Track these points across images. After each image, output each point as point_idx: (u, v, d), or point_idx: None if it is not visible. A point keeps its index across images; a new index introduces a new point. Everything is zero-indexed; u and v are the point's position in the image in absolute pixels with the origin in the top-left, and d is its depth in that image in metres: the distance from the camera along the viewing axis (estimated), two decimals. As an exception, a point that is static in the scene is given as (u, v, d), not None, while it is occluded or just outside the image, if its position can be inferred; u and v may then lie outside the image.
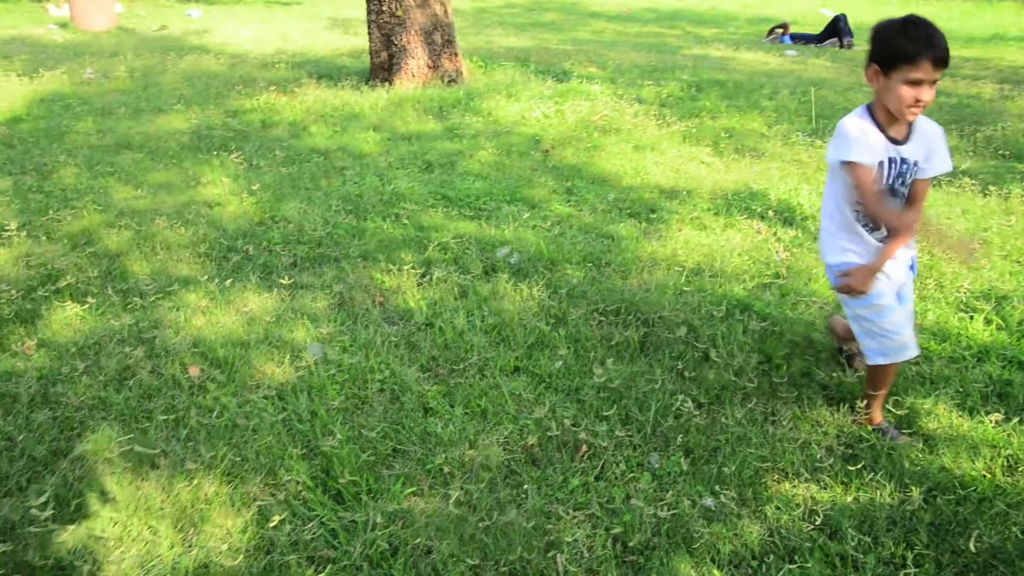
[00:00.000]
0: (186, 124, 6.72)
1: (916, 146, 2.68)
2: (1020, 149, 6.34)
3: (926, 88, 2.51)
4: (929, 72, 2.47)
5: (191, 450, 2.76)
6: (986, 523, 2.49)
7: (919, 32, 2.48)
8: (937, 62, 2.47)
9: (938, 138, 2.69)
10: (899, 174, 2.70)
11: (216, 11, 14.39)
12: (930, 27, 2.49)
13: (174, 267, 4.14)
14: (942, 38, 2.48)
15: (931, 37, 2.47)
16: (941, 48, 2.47)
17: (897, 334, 2.81)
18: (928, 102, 2.53)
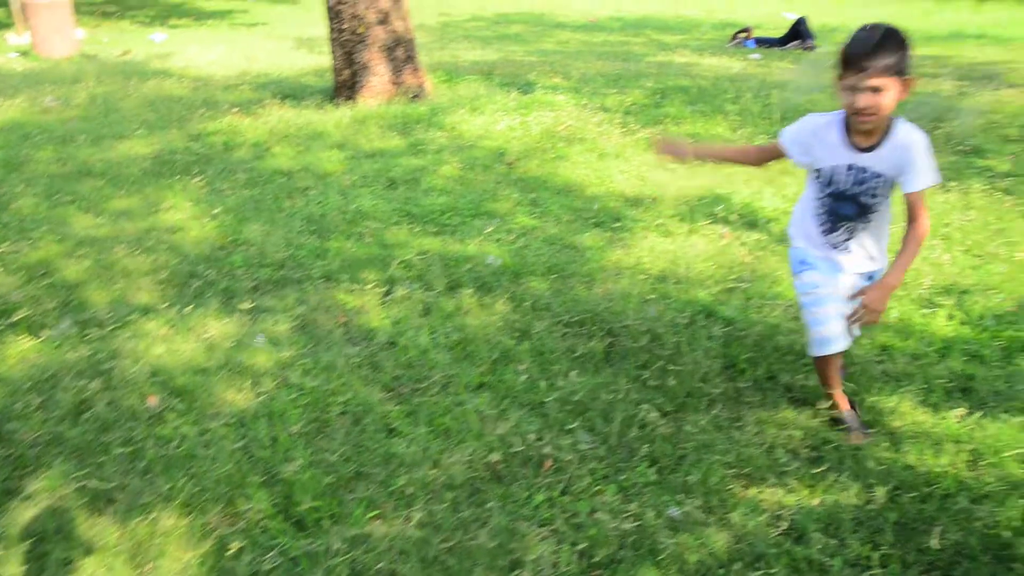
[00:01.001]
0: (148, 149, 6.65)
1: (884, 158, 2.61)
2: (978, 145, 6.41)
3: (862, 95, 2.46)
4: (862, 79, 2.43)
5: (148, 483, 2.71)
6: (950, 519, 2.48)
7: (861, 37, 2.47)
8: (868, 68, 2.42)
9: (914, 152, 2.57)
10: (858, 182, 2.66)
11: (180, 35, 14.31)
12: (876, 32, 2.45)
13: (134, 295, 4.08)
14: (882, 44, 2.42)
15: (866, 42, 2.43)
16: (873, 54, 2.41)
17: (820, 325, 2.82)
18: (865, 108, 2.47)
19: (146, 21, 16.54)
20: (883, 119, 2.53)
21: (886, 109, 2.48)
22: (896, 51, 2.42)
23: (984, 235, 4.67)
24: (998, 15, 16.09)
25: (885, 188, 2.66)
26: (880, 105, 2.46)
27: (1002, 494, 2.58)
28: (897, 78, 2.45)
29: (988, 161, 6.04)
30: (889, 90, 2.44)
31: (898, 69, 2.44)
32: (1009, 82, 8.67)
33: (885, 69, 2.41)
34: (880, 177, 2.63)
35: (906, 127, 2.60)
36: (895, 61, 2.42)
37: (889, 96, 2.46)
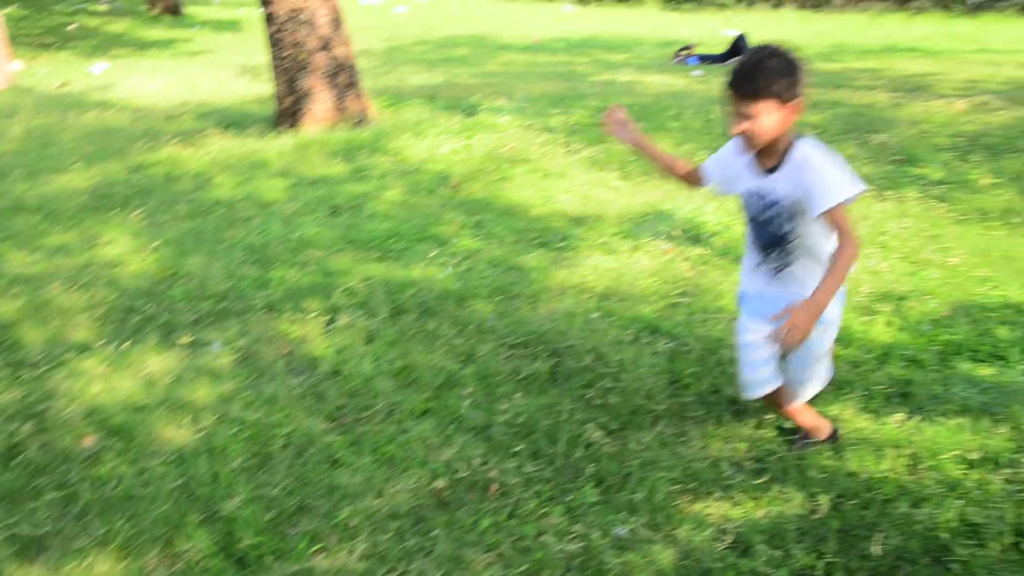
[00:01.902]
0: (86, 183, 6.52)
1: (783, 180, 2.48)
2: (911, 153, 6.57)
3: (737, 120, 2.39)
4: (736, 104, 2.37)
5: (83, 527, 2.63)
6: (891, 525, 2.52)
7: (740, 62, 2.40)
8: (740, 95, 2.36)
9: (811, 171, 2.40)
10: (764, 207, 2.55)
11: (121, 65, 14.10)
12: (753, 57, 2.38)
13: (69, 333, 3.98)
14: (756, 70, 2.34)
15: (740, 68, 2.37)
16: (745, 80, 2.34)
17: (747, 368, 2.79)
18: (740, 132, 2.40)
19: (86, 52, 16.26)
20: (767, 142, 2.42)
21: (765, 135, 2.38)
22: (774, 76, 2.32)
23: (919, 242, 4.78)
24: (927, 29, 16.56)
25: (792, 215, 2.49)
26: (755, 131, 2.37)
27: (940, 496, 2.63)
28: (775, 102, 2.33)
29: (921, 169, 6.19)
30: (765, 115, 2.34)
31: (777, 94, 2.32)
32: (938, 93, 8.91)
33: (758, 95, 2.32)
34: (779, 203, 2.49)
35: (804, 146, 2.45)
36: (771, 86, 2.31)
37: (766, 122, 2.35)
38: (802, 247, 2.56)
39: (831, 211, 2.33)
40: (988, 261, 4.45)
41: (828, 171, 2.38)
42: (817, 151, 2.44)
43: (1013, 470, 2.73)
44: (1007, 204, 5.29)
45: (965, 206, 5.33)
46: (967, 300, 4.00)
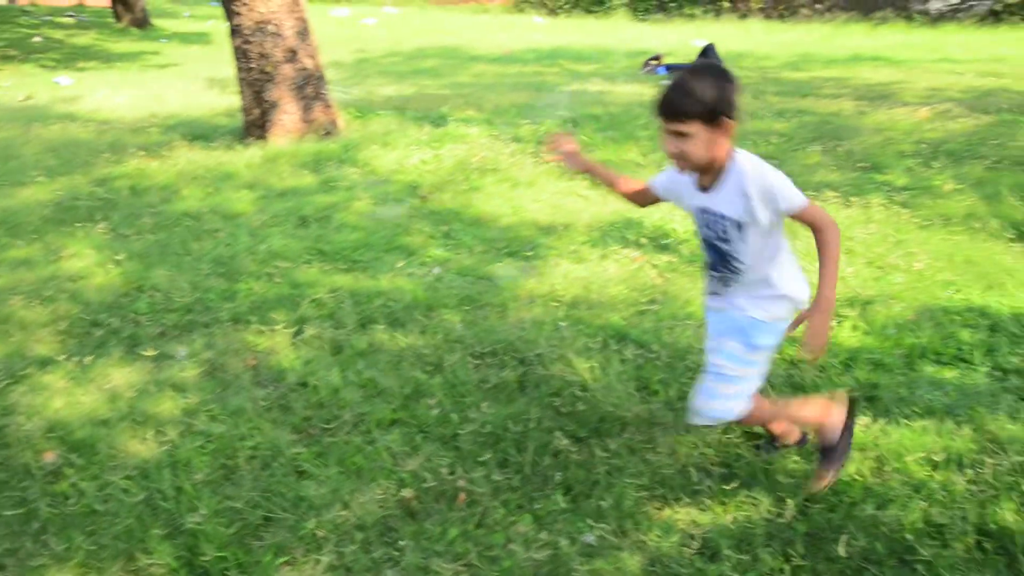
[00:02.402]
0: (49, 196, 6.43)
1: (724, 197, 2.41)
2: (876, 160, 6.65)
3: (666, 140, 2.34)
4: (664, 124, 2.33)
5: (42, 544, 2.58)
6: (857, 527, 2.53)
7: (672, 81, 2.36)
8: (667, 114, 2.32)
9: (752, 187, 2.34)
10: (707, 225, 2.49)
11: (88, 78, 13.95)
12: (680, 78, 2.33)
13: (31, 348, 3.92)
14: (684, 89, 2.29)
15: (670, 87, 2.33)
16: (671, 99, 2.30)
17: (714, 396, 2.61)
18: (671, 153, 2.35)
19: (51, 65, 16.09)
20: (699, 164, 2.37)
21: (695, 156, 2.32)
22: (701, 98, 2.27)
23: (884, 247, 4.83)
24: (890, 39, 16.83)
25: (735, 232, 2.41)
26: (685, 151, 2.31)
27: (905, 497, 2.65)
28: (702, 124, 2.27)
29: (886, 176, 6.27)
30: (695, 136, 2.29)
31: (704, 116, 2.26)
32: (902, 101, 9.04)
33: (685, 116, 2.28)
34: (723, 219, 2.42)
35: (743, 161, 2.37)
36: (698, 108, 2.26)
37: (696, 142, 2.29)
38: (746, 273, 2.49)
39: (802, 210, 2.31)
40: (951, 265, 4.51)
41: (776, 176, 2.34)
42: (755, 164, 2.37)
43: (976, 471, 2.76)
44: (969, 209, 5.37)
45: (929, 211, 5.40)
46: (931, 304, 4.05)
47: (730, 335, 2.54)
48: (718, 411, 2.58)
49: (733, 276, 2.52)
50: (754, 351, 2.54)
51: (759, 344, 2.54)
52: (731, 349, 2.53)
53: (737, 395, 2.55)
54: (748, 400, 2.58)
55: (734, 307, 2.54)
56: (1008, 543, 2.43)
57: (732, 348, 2.53)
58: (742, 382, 2.56)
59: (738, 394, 2.55)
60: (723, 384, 2.55)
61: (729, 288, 2.55)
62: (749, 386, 2.58)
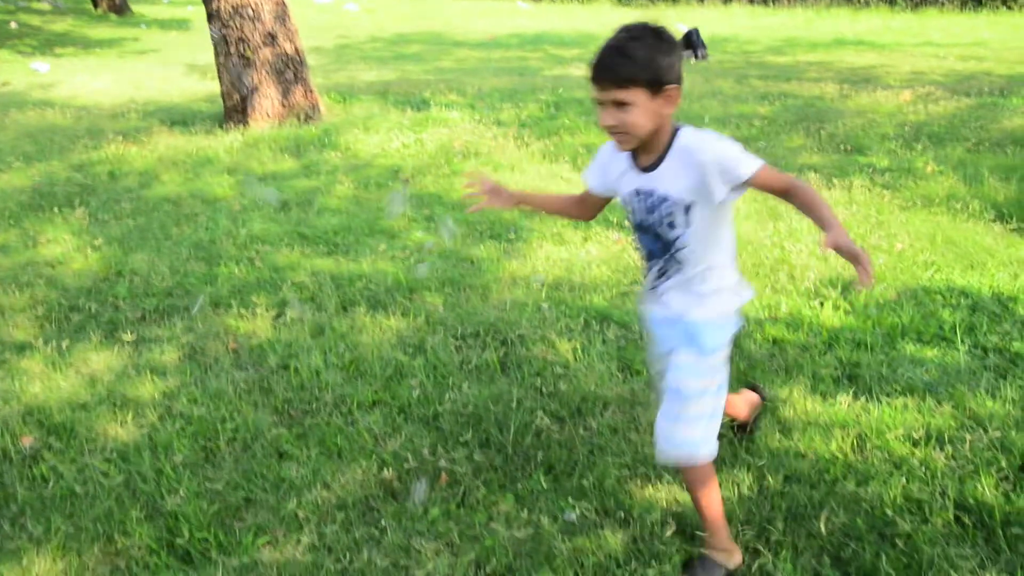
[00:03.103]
0: (26, 182, 6.36)
1: (668, 174, 2.10)
2: (859, 143, 6.67)
3: (604, 111, 2.03)
4: (600, 93, 2.02)
5: (20, 527, 2.56)
6: (838, 503, 2.54)
7: (604, 44, 2.04)
8: (603, 80, 2.01)
9: (704, 153, 2.05)
10: (648, 209, 2.16)
11: (65, 64, 13.79)
12: (618, 37, 2.02)
13: (9, 333, 3.87)
14: (622, 51, 1.99)
15: (604, 50, 2.02)
16: (608, 64, 2.00)
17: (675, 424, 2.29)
18: (610, 127, 2.03)
19: (27, 51, 15.89)
20: (641, 138, 2.06)
21: (637, 127, 2.01)
22: (643, 58, 1.97)
23: (866, 228, 4.85)
24: (873, 23, 16.88)
25: (682, 215, 2.12)
26: (627, 122, 2.01)
27: (886, 474, 2.66)
28: (643, 91, 1.98)
29: (869, 158, 6.29)
30: (637, 106, 1.99)
31: (645, 81, 1.97)
32: (885, 84, 9.07)
33: (623, 83, 1.98)
34: (667, 200, 2.11)
35: (688, 134, 2.10)
36: (637, 73, 1.97)
37: (637, 112, 1.99)
38: (690, 262, 2.18)
39: (758, 175, 2.02)
40: (932, 246, 4.53)
41: (728, 145, 2.05)
42: (705, 133, 2.10)
43: (955, 447, 2.78)
44: (950, 190, 5.39)
45: (910, 193, 5.42)
46: (912, 284, 4.07)
47: (679, 346, 2.24)
48: (683, 442, 2.23)
49: (675, 267, 2.20)
50: (709, 355, 2.21)
51: (712, 346, 2.22)
52: (684, 362, 2.22)
53: (699, 416, 2.22)
54: (717, 421, 2.26)
55: (675, 312, 2.24)
56: (986, 517, 2.45)
57: (685, 361, 2.22)
58: (705, 397, 2.23)
59: (700, 415, 2.22)
60: (685, 404, 2.22)
61: (668, 282, 2.23)
62: (714, 402, 2.25)
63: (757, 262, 4.37)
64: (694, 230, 2.13)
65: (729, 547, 2.36)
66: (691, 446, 2.22)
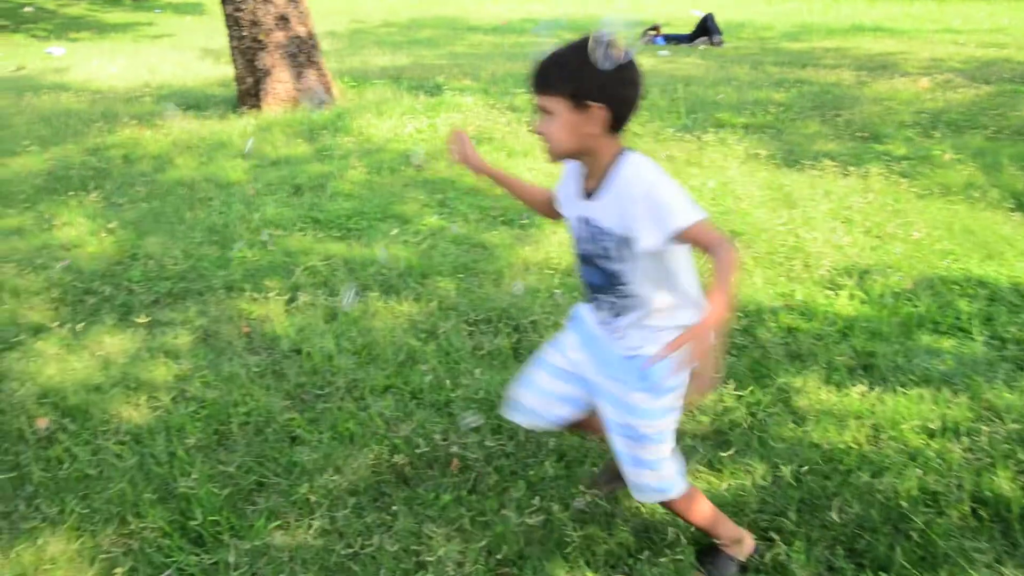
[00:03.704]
0: (42, 165, 6.38)
1: (607, 205, 1.91)
2: (876, 130, 6.60)
3: (541, 117, 1.88)
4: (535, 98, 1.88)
5: (35, 508, 2.57)
6: (852, 494, 2.52)
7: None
8: (528, 84, 1.89)
9: (639, 200, 1.84)
10: (590, 238, 1.98)
11: (80, 48, 13.82)
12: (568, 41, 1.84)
13: (24, 315, 3.89)
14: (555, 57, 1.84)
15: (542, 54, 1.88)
16: (538, 69, 1.86)
17: (520, 385, 2.30)
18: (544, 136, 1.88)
19: (43, 35, 15.94)
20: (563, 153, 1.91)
21: (554, 139, 1.86)
22: (571, 69, 1.81)
23: (882, 216, 4.80)
24: (891, 9, 16.71)
25: (621, 249, 1.92)
26: (546, 132, 1.86)
27: (901, 466, 2.64)
28: (567, 101, 1.81)
29: (886, 146, 6.23)
30: (556, 115, 1.83)
31: (570, 91, 1.80)
32: (903, 71, 8.98)
33: (545, 90, 1.84)
34: (605, 232, 1.93)
35: (631, 163, 1.89)
36: (561, 82, 1.82)
37: (557, 123, 1.84)
38: (638, 299, 1.98)
39: (689, 230, 1.80)
40: (950, 235, 4.49)
41: (667, 189, 1.84)
42: (648, 169, 1.88)
43: (972, 439, 2.75)
44: (968, 179, 5.34)
45: (928, 181, 5.37)
46: (929, 273, 4.03)
47: (630, 386, 2.05)
48: (657, 488, 2.14)
49: (622, 303, 2.01)
50: (662, 395, 2.04)
51: (666, 386, 2.02)
52: (637, 402, 2.04)
53: (661, 459, 2.10)
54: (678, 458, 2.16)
55: (626, 346, 2.04)
56: (1003, 511, 2.42)
57: (638, 401, 2.04)
58: (662, 439, 2.08)
59: (660, 458, 2.09)
60: (640, 446, 2.08)
61: (619, 319, 2.04)
62: (669, 445, 2.11)
63: (771, 250, 4.34)
64: (636, 267, 1.94)
65: (737, 535, 2.31)
66: (663, 490, 2.14)
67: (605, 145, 1.88)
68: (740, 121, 7.12)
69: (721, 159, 6.03)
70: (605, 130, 1.84)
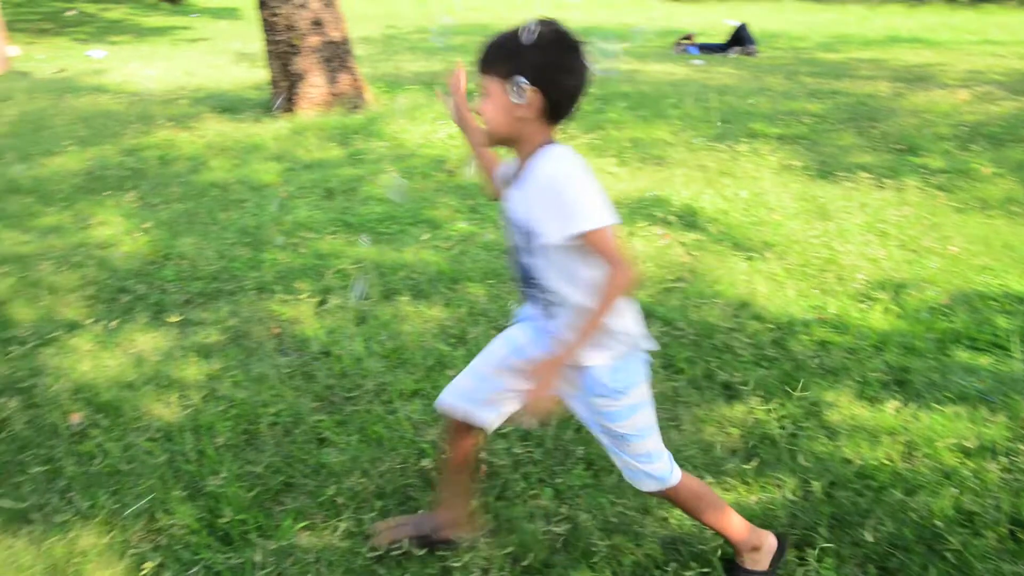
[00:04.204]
0: (80, 165, 6.48)
1: (523, 195, 1.87)
2: (912, 143, 6.52)
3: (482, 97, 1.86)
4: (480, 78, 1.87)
5: (67, 501, 2.60)
6: (885, 512, 2.48)
7: None
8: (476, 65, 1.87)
9: (546, 193, 1.79)
10: (508, 228, 1.97)
11: (119, 51, 14.04)
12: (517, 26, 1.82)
13: (59, 312, 3.94)
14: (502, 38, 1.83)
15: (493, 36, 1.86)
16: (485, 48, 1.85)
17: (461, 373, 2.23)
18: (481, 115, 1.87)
19: (84, 38, 16.21)
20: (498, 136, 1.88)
21: (488, 120, 1.85)
22: (508, 49, 1.81)
23: (918, 230, 4.74)
24: (930, 20, 16.51)
25: (530, 242, 1.87)
26: (482, 112, 1.85)
27: (936, 484, 2.59)
28: (502, 83, 1.80)
29: (923, 159, 6.15)
30: (492, 95, 1.82)
31: (505, 72, 1.79)
32: (941, 83, 8.87)
33: (484, 65, 1.83)
34: (519, 223, 1.89)
35: (550, 154, 1.84)
36: (496, 63, 1.81)
37: (491, 104, 1.83)
38: (564, 285, 1.89)
39: (590, 235, 1.76)
40: (988, 250, 4.41)
41: (579, 187, 1.79)
42: (566, 163, 1.83)
43: (1010, 459, 2.70)
44: (1008, 193, 5.25)
45: (966, 195, 5.29)
46: (966, 289, 3.97)
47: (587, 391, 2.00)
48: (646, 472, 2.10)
49: (546, 300, 1.96)
50: (620, 396, 1.99)
51: (616, 386, 1.98)
52: (600, 406, 2.01)
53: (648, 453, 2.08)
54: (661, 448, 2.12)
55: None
56: (1042, 533, 2.37)
57: (600, 405, 2.01)
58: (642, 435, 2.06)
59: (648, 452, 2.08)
60: (623, 444, 2.06)
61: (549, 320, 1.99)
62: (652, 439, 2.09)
63: (804, 262, 4.30)
64: (548, 264, 1.88)
65: (754, 540, 2.24)
66: (661, 478, 2.11)
67: (536, 133, 1.85)
68: (774, 131, 7.06)
69: (754, 169, 5.99)
70: (539, 117, 1.82)
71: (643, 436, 2.05)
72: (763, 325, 3.64)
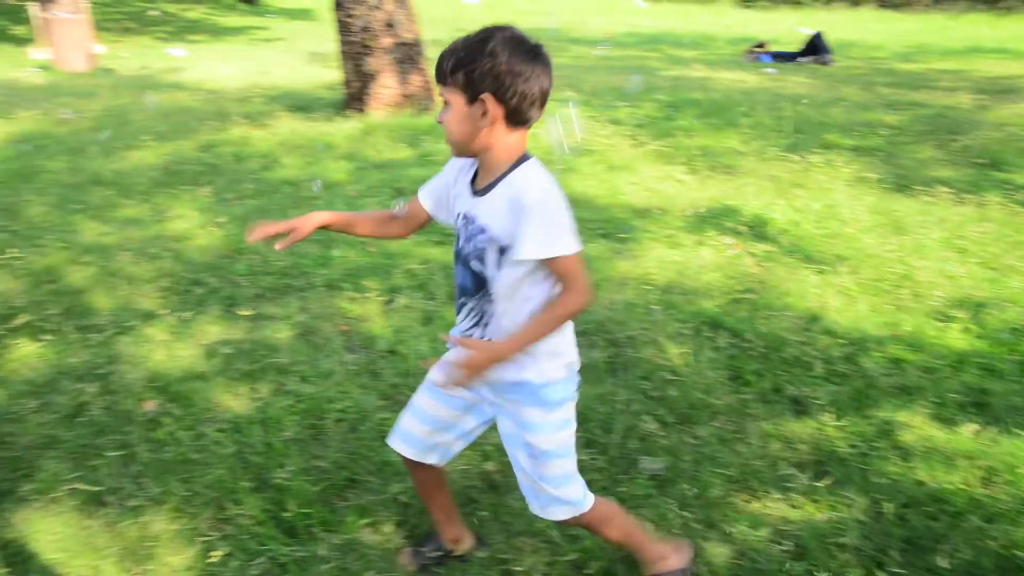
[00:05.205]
0: (158, 159, 6.67)
1: (492, 205, 1.85)
2: (996, 157, 6.31)
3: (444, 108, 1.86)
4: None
5: (140, 486, 2.67)
6: (961, 538, 2.40)
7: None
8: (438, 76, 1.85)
9: (525, 208, 1.77)
10: (468, 237, 1.91)
11: (199, 50, 14.43)
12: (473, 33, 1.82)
13: (136, 302, 4.06)
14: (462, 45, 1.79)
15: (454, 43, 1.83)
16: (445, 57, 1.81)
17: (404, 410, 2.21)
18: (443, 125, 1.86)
19: (165, 37, 16.70)
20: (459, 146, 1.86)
21: (450, 131, 1.84)
22: (466, 59, 1.77)
23: (1000, 248, 4.58)
24: (1017, 29, 15.97)
25: (494, 254, 1.86)
26: (444, 123, 1.85)
27: (1016, 512, 2.49)
28: (462, 93, 1.79)
29: (1007, 174, 5.95)
30: (453, 106, 1.81)
31: (464, 81, 1.77)
32: (1027, 96, 8.59)
33: (442, 79, 1.82)
34: (485, 233, 1.86)
35: (527, 171, 1.83)
36: (454, 73, 1.78)
37: (453, 115, 1.82)
38: (505, 308, 1.91)
39: (564, 259, 1.79)
40: (1075, 271, 4.25)
41: (557, 210, 1.79)
42: (543, 181, 1.82)
43: (1097, 488, 2.59)
44: (1098, 212, 5.05)
45: (1052, 213, 5.10)
46: (1051, 310, 3.82)
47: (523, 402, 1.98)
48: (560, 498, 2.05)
49: (492, 313, 1.94)
50: (554, 409, 1.99)
51: (556, 399, 1.99)
52: (531, 418, 1.98)
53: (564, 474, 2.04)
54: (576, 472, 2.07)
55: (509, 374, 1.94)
56: None
57: (532, 416, 1.98)
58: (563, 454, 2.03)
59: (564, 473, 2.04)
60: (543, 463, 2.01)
61: (480, 324, 1.97)
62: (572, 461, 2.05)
63: (878, 277, 4.19)
64: (503, 277, 1.87)
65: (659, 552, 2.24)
66: (574, 503, 2.07)
67: (500, 142, 1.83)
68: (849, 143, 6.91)
69: (827, 181, 5.87)
70: (500, 124, 1.81)
71: (563, 455, 2.03)
72: (834, 340, 3.56)
